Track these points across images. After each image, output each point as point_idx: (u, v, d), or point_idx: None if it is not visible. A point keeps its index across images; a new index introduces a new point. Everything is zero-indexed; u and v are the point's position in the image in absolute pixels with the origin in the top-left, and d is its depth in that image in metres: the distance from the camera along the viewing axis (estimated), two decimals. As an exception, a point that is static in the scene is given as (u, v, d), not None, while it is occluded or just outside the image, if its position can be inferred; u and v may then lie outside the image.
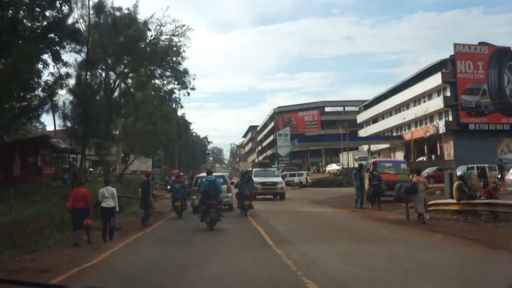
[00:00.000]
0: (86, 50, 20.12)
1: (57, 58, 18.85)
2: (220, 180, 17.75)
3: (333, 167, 56.24)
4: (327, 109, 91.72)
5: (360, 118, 79.00)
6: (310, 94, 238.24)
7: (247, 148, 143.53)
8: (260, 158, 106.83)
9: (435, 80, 54.27)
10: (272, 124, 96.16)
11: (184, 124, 70.12)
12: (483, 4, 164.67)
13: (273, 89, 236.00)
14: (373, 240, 11.83)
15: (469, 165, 33.51)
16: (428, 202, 16.44)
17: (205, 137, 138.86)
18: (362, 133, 75.92)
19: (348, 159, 55.63)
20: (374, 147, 70.29)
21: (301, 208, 22.37)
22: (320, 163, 69.85)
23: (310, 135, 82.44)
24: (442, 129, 53.15)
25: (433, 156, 54.52)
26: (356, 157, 56.78)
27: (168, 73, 33.64)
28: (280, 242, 11.13)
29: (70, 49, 21.54)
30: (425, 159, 52.51)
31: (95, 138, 20.58)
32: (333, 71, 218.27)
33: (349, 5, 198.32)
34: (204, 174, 19.28)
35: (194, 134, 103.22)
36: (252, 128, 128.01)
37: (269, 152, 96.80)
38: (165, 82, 34.56)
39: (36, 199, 16.45)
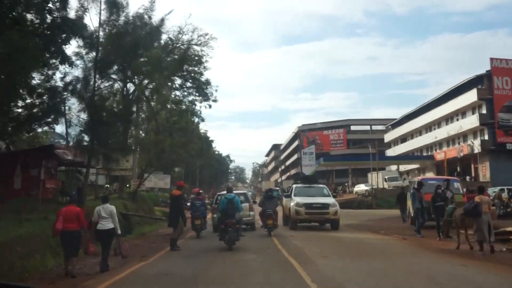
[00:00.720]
0: (95, 49, 18.10)
1: (63, 58, 16.90)
2: (240, 198, 17.16)
3: (361, 187, 53.67)
4: (353, 127, 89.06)
5: (388, 137, 76.25)
6: (333, 114, 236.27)
7: (270, 167, 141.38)
8: (284, 177, 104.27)
9: (470, 97, 51.49)
10: (296, 143, 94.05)
11: (206, 141, 68.26)
12: (509, 25, 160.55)
13: (296, 109, 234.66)
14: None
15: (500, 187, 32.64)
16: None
17: (227, 156, 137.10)
18: (390, 152, 73.11)
19: (377, 179, 53.13)
20: (402, 168, 67.63)
21: (338, 233, 19.30)
22: (346, 183, 67.23)
23: (335, 154, 79.75)
24: (477, 149, 50.16)
25: (467, 178, 51.48)
26: (386, 177, 54.84)
27: (189, 84, 31.74)
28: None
29: (87, 57, 19.92)
30: (459, 180, 49.33)
31: (102, 149, 18.33)
32: (357, 91, 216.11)
33: (373, 25, 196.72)
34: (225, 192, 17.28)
35: (216, 153, 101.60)
36: (275, 147, 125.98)
37: (293, 171, 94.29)
38: (185, 93, 32.55)
39: (32, 216, 14.28)
